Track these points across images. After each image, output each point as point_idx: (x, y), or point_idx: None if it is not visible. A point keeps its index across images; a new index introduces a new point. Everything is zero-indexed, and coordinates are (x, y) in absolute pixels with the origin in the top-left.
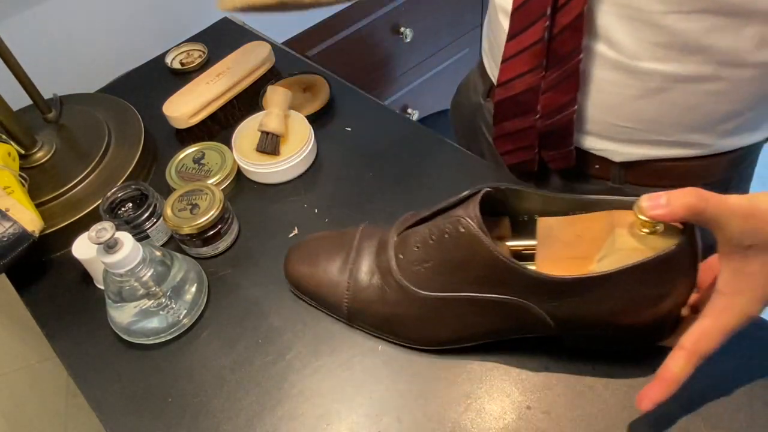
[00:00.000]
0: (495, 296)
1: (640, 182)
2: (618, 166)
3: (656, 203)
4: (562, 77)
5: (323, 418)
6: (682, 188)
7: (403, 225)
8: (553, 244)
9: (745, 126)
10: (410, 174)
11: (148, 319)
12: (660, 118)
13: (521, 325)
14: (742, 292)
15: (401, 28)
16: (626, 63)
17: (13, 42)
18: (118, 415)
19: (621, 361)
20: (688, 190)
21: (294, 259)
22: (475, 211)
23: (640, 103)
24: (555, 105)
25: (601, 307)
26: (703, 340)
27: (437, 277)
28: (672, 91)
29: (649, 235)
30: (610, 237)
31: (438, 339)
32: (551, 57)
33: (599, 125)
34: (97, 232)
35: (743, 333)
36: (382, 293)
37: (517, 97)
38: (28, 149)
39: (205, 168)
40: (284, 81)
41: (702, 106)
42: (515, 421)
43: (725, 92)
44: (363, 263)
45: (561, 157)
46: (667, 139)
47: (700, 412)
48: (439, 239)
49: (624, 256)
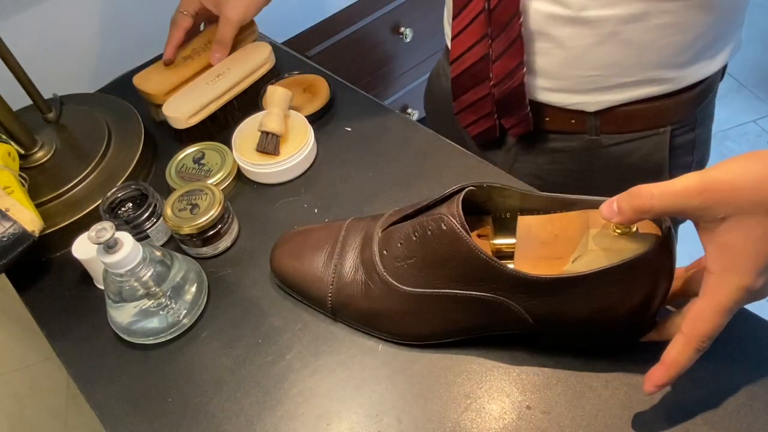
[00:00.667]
0: (475, 293)
1: (613, 131)
2: (593, 116)
3: (611, 211)
4: (507, 43)
5: (323, 418)
6: (627, 191)
7: (388, 221)
8: (531, 243)
9: (702, 54)
10: (410, 174)
11: (148, 319)
12: (621, 61)
13: (501, 322)
14: (731, 267)
15: (401, 28)
16: (575, 15)
17: (13, 42)
18: (118, 415)
19: (621, 361)
20: (632, 191)
21: (280, 253)
22: (458, 210)
23: (600, 50)
24: (506, 71)
25: (577, 307)
26: (698, 321)
27: (420, 274)
28: (625, 32)
29: (621, 236)
30: (584, 237)
31: (420, 334)
32: (494, 25)
33: (569, 80)
34: (97, 232)
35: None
36: (366, 288)
37: (470, 70)
38: (28, 149)
39: (205, 168)
40: (284, 81)
41: (656, 41)
42: (515, 421)
43: (674, 24)
44: (347, 258)
45: (519, 122)
46: (632, 80)
47: (700, 412)
48: (422, 236)
49: (597, 257)
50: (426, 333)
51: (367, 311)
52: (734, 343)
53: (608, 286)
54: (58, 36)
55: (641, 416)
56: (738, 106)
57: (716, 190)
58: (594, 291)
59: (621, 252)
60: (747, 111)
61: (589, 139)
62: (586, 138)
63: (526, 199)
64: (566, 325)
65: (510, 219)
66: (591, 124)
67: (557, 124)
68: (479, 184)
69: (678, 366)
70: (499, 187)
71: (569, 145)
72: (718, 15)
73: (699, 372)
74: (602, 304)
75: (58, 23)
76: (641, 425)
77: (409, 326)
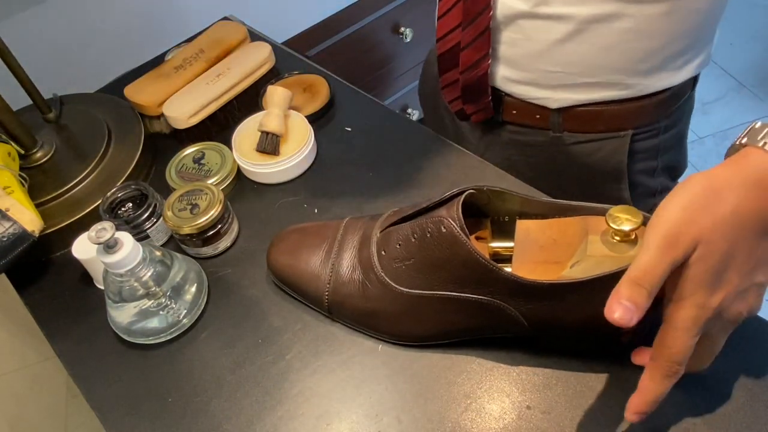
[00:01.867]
0: (472, 296)
1: (576, 129)
2: (556, 113)
3: (629, 315)
4: (475, 34)
5: (323, 418)
6: (622, 285)
7: (387, 222)
8: (529, 247)
9: (665, 65)
10: (410, 174)
11: (148, 319)
12: (584, 60)
13: (497, 325)
14: (682, 289)
15: (401, 28)
16: (539, 11)
17: (13, 42)
18: (118, 415)
19: (621, 361)
20: (628, 281)
21: (276, 250)
22: (457, 213)
23: (564, 46)
24: (471, 60)
25: (574, 312)
26: (661, 346)
27: (418, 275)
28: (588, 32)
29: (620, 242)
30: (583, 243)
31: (416, 335)
32: (466, 15)
33: (533, 73)
34: (97, 232)
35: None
36: (363, 288)
37: (450, 51)
38: (28, 149)
39: (205, 168)
40: (284, 81)
41: (618, 45)
42: (515, 421)
43: (637, 30)
44: (345, 258)
45: (479, 109)
46: (594, 81)
47: (700, 412)
48: (422, 238)
49: (596, 263)
50: (422, 334)
51: (364, 311)
52: (734, 344)
53: (606, 293)
54: (58, 36)
55: None
56: (738, 106)
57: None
58: (592, 297)
59: (619, 259)
60: (747, 111)
61: (552, 135)
62: (550, 134)
63: (525, 203)
64: (562, 330)
65: (508, 222)
66: (554, 120)
67: (523, 118)
68: (479, 187)
69: (651, 392)
70: (499, 190)
71: (535, 140)
72: (685, 26)
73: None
74: (599, 310)
75: (58, 23)
76: (641, 425)
77: (405, 327)
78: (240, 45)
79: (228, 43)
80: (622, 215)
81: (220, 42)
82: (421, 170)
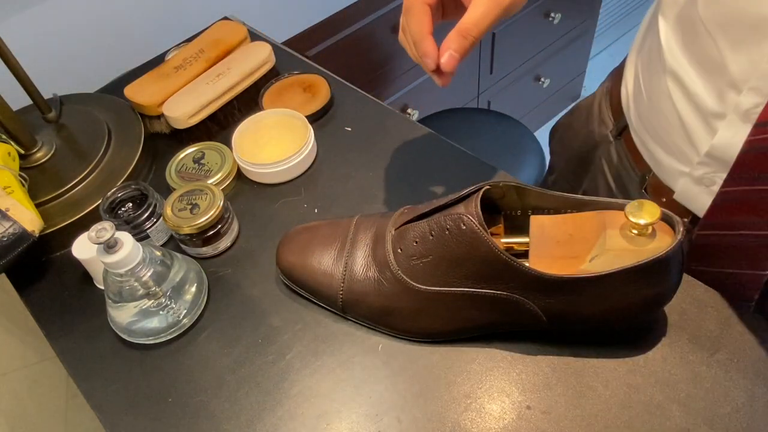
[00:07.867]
0: (491, 291)
1: None
2: None
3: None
4: None
5: (323, 418)
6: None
7: (402, 219)
8: (546, 242)
9: None
10: (410, 174)
11: (148, 319)
12: None
13: (514, 320)
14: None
15: None
16: None
17: (13, 42)
18: (118, 415)
19: (621, 361)
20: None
21: (286, 250)
22: (476, 209)
23: None
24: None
25: (592, 305)
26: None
27: (435, 272)
28: None
29: (638, 236)
30: (601, 237)
31: (432, 331)
32: None
33: None
34: (97, 232)
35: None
36: (379, 286)
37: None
38: (28, 149)
39: (205, 168)
40: (284, 81)
41: None
42: (515, 421)
43: None
44: (358, 256)
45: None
46: None
47: (700, 412)
48: (440, 235)
49: (614, 257)
50: (439, 330)
51: (380, 308)
52: (734, 344)
53: (625, 286)
54: (58, 36)
55: (641, 416)
56: None
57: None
58: (611, 290)
59: (638, 252)
60: None
61: None
62: None
63: (541, 197)
64: (578, 322)
65: (519, 217)
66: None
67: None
68: (495, 183)
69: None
70: (515, 185)
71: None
72: None
73: (699, 371)
74: (617, 302)
75: (58, 23)
76: (641, 425)
77: (421, 324)
78: (240, 45)
79: (228, 43)
80: (641, 209)
81: (220, 42)
82: (421, 170)
